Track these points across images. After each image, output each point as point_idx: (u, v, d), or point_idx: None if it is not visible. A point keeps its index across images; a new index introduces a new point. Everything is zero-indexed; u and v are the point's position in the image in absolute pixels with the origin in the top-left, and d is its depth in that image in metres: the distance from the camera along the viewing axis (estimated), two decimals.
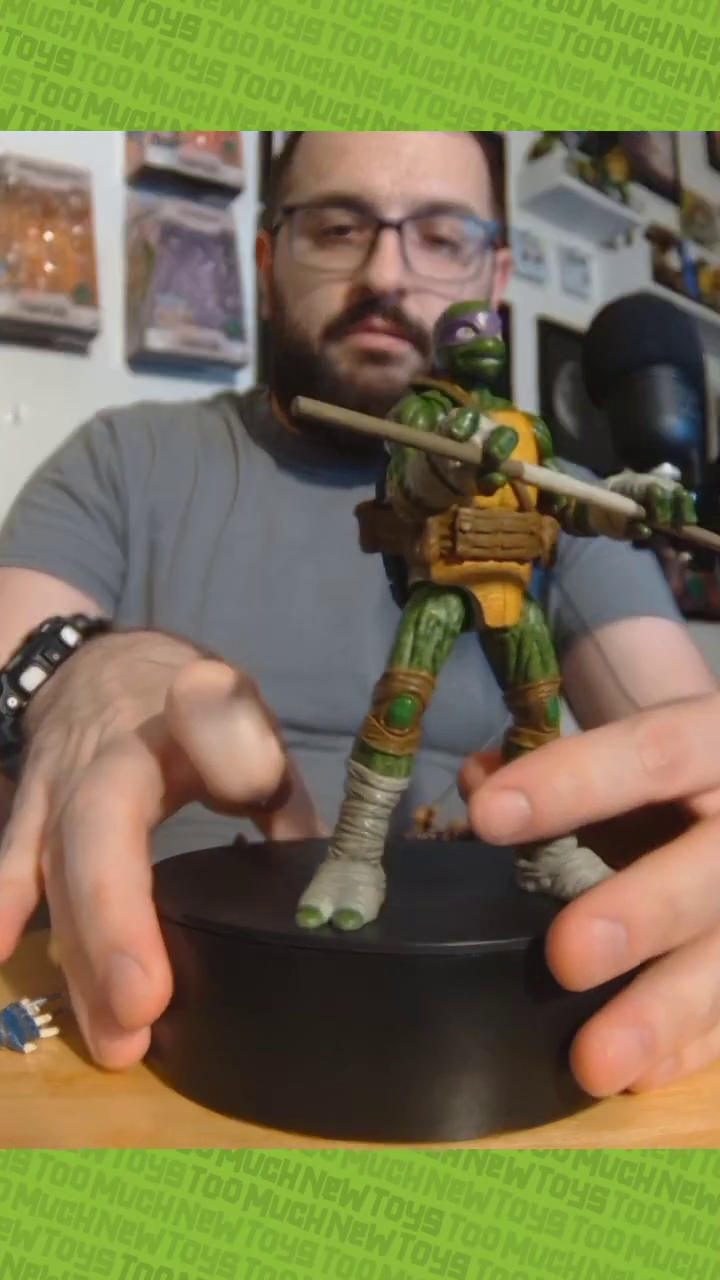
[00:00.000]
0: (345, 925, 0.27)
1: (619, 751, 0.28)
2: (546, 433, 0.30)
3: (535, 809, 0.27)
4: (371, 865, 0.29)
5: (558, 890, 0.30)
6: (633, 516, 0.28)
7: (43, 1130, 0.26)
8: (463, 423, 0.24)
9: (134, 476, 0.82)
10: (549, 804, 0.27)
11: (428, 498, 0.28)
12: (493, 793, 0.27)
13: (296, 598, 0.78)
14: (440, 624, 0.29)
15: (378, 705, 0.29)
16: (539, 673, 0.30)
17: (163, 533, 0.80)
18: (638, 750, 0.28)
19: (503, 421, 0.29)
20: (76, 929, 0.30)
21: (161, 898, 0.30)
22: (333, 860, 0.29)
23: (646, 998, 0.26)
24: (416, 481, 0.28)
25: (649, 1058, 0.26)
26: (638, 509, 0.28)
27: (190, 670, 0.32)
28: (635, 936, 0.25)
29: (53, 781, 0.38)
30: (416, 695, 0.28)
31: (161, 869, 0.34)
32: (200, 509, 0.81)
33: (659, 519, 0.28)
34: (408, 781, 0.29)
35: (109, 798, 0.31)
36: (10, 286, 1.17)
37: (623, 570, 0.81)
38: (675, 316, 0.61)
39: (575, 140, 2.06)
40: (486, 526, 0.28)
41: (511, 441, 0.24)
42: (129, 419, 0.87)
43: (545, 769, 0.27)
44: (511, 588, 0.30)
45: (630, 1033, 0.25)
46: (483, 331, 0.29)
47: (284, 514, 0.81)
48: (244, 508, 0.81)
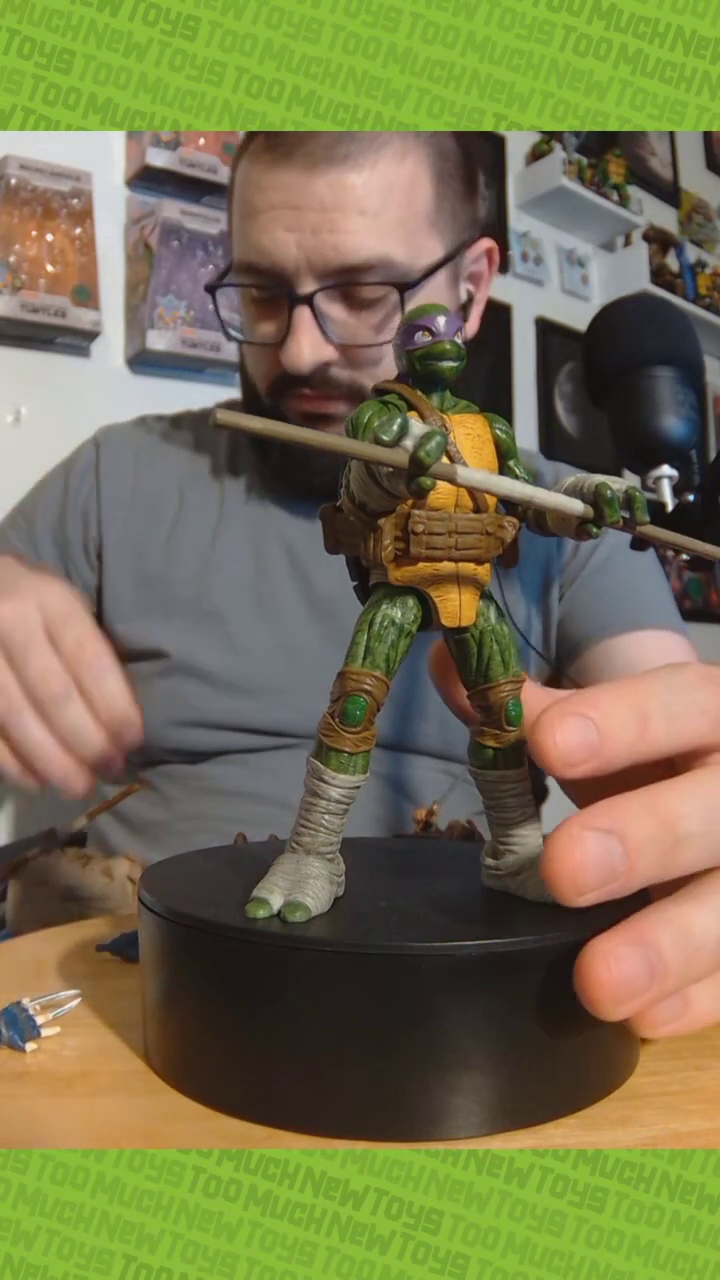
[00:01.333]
0: (292, 917, 0.27)
1: (674, 690, 0.28)
2: (509, 433, 0.30)
3: (602, 736, 0.26)
4: (326, 859, 0.29)
5: (518, 888, 0.30)
6: (581, 517, 0.28)
7: (43, 1130, 0.26)
8: (390, 428, 0.25)
9: (112, 504, 0.84)
10: (616, 732, 0.26)
11: (369, 502, 0.28)
12: (561, 716, 0.25)
13: (286, 615, 0.79)
14: (394, 624, 0.29)
15: (333, 704, 0.29)
16: (499, 672, 0.31)
17: (147, 561, 0.82)
18: (690, 690, 0.28)
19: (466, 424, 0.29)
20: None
21: (161, 897, 0.30)
22: (288, 854, 0.30)
23: (653, 920, 0.26)
24: (357, 486, 0.29)
25: (654, 984, 0.25)
26: (585, 509, 0.28)
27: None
28: (631, 851, 0.24)
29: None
30: (370, 694, 0.29)
31: (162, 868, 0.34)
32: (186, 531, 0.82)
33: (608, 518, 0.28)
34: (364, 779, 0.29)
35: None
36: (10, 287, 1.17)
37: (628, 584, 0.80)
38: (675, 317, 0.61)
39: (574, 142, 2.06)
40: (440, 528, 0.29)
41: (440, 446, 0.24)
42: (119, 441, 0.88)
43: (609, 698, 0.26)
44: (468, 588, 0.30)
45: (635, 951, 0.25)
46: (440, 334, 0.29)
47: (273, 530, 0.81)
48: (231, 526, 0.82)
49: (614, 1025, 0.28)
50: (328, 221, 0.66)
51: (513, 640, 0.31)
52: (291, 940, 0.26)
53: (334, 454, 0.25)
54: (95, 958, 0.40)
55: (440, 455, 0.24)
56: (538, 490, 0.27)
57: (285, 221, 0.67)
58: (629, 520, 0.28)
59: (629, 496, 0.28)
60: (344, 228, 0.66)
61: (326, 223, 0.66)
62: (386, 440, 0.25)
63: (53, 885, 0.60)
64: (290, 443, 0.24)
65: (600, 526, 0.28)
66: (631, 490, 0.28)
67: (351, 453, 0.25)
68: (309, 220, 0.67)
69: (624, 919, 0.27)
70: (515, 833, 0.31)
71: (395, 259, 0.68)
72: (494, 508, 0.30)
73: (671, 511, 0.57)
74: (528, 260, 2.04)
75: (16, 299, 1.18)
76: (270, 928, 0.27)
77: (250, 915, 0.27)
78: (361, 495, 0.29)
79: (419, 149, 0.70)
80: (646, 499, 0.29)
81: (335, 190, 0.66)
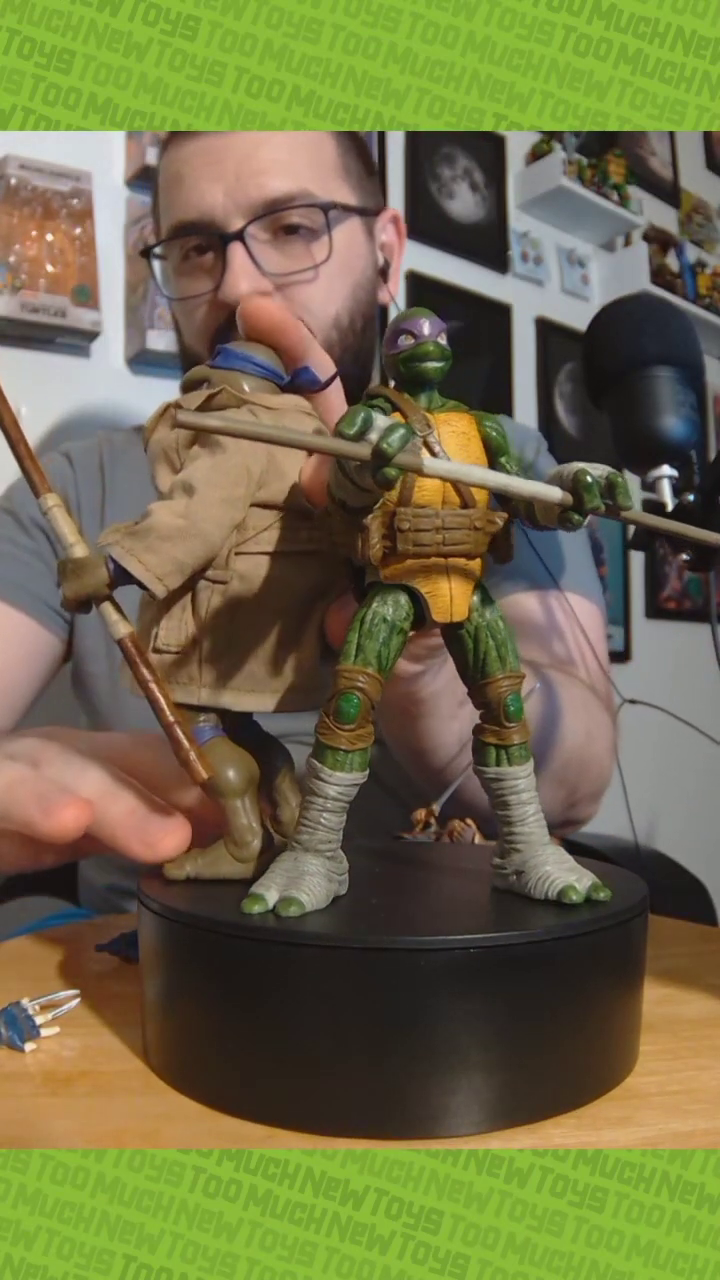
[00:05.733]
0: (286, 912, 0.27)
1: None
2: (501, 431, 0.30)
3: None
4: (325, 857, 0.29)
5: (522, 886, 0.30)
6: (560, 504, 0.28)
7: (43, 1130, 0.26)
8: (353, 421, 0.25)
9: (88, 506, 0.84)
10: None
11: (346, 499, 0.28)
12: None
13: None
14: (386, 621, 0.29)
15: (327, 702, 0.29)
16: (496, 668, 0.31)
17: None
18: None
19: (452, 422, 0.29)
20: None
21: (161, 896, 0.30)
22: (288, 852, 0.30)
23: None
24: (334, 483, 0.29)
25: None
26: (565, 496, 0.28)
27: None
28: None
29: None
30: (363, 691, 0.29)
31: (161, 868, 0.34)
32: None
33: (587, 504, 0.27)
34: (363, 776, 0.29)
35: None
36: (10, 287, 1.17)
37: (524, 551, 0.81)
38: (675, 317, 0.61)
39: (574, 142, 2.06)
40: (426, 525, 0.29)
41: (402, 438, 0.25)
42: (85, 449, 0.88)
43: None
44: (460, 583, 0.30)
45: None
46: (424, 337, 0.29)
47: None
48: None
49: (613, 1024, 0.28)
50: (248, 164, 0.73)
51: (510, 635, 0.31)
52: (287, 936, 0.26)
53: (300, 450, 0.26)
54: (95, 958, 0.40)
55: (402, 446, 0.25)
56: (512, 479, 0.27)
57: (208, 175, 0.73)
58: (611, 506, 0.28)
59: (610, 482, 0.27)
60: (263, 168, 0.73)
61: (246, 166, 0.73)
62: (350, 434, 0.25)
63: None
64: (251, 440, 0.25)
65: (580, 514, 0.28)
66: (613, 476, 0.27)
67: (315, 448, 0.26)
68: (229, 169, 0.73)
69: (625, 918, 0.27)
70: (518, 831, 0.31)
71: (313, 192, 0.75)
72: (484, 503, 0.30)
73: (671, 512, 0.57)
74: (528, 260, 2.04)
75: (16, 299, 1.17)
76: (266, 923, 0.27)
77: (245, 910, 0.27)
78: (339, 492, 0.29)
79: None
80: (646, 498, 0.29)
81: (250, 142, 0.73)
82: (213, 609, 0.33)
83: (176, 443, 0.34)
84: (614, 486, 0.28)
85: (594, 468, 0.28)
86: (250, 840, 0.32)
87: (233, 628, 0.33)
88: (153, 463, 0.35)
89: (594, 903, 0.29)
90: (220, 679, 0.33)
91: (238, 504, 0.32)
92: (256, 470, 0.32)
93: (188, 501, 0.31)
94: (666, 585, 2.25)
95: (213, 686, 0.33)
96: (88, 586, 0.31)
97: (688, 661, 1.87)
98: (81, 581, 0.31)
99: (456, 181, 1.89)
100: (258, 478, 0.32)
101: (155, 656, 0.33)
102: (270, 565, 0.33)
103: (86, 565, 0.31)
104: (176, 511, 0.31)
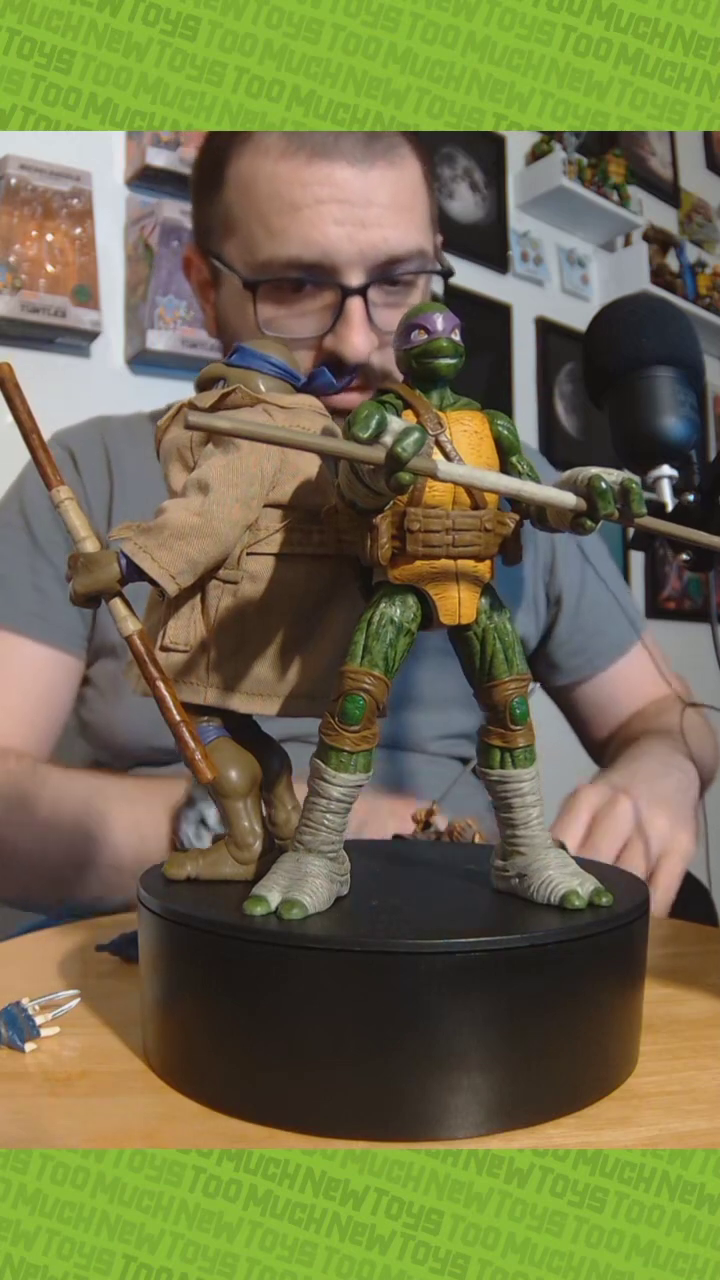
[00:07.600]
0: (288, 915, 0.27)
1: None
2: (512, 430, 0.30)
3: None
4: (328, 858, 0.29)
5: (524, 890, 0.30)
6: (573, 510, 0.28)
7: (43, 1130, 0.26)
8: (367, 424, 0.25)
9: (96, 506, 0.82)
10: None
11: (357, 500, 0.28)
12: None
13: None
14: (393, 622, 0.29)
15: (332, 704, 0.29)
16: (503, 671, 0.30)
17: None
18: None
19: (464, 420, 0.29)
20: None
21: (160, 896, 0.30)
22: (291, 853, 0.30)
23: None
24: (344, 485, 0.29)
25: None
26: (579, 502, 0.28)
27: None
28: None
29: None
30: (368, 693, 0.29)
31: (160, 868, 0.34)
32: None
33: (601, 510, 0.27)
34: (366, 777, 0.29)
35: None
36: (10, 287, 1.17)
37: (604, 612, 0.89)
38: (675, 317, 0.61)
39: (574, 142, 2.06)
40: (436, 526, 0.29)
41: (417, 442, 0.24)
42: (86, 442, 0.85)
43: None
44: (468, 585, 0.30)
45: None
46: (437, 333, 0.29)
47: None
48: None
49: (613, 1026, 0.28)
50: (375, 215, 0.70)
51: (517, 638, 0.31)
52: (288, 938, 0.26)
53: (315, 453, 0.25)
54: (95, 958, 0.40)
55: (417, 450, 0.24)
56: (526, 484, 0.27)
57: (335, 215, 0.69)
58: (624, 512, 0.28)
59: (624, 489, 0.27)
60: (391, 221, 0.70)
61: (374, 216, 0.70)
62: (364, 437, 0.25)
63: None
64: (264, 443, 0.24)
65: (594, 520, 0.28)
66: (628, 482, 0.27)
67: (330, 451, 0.25)
68: (358, 214, 0.69)
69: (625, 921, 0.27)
70: (521, 834, 0.31)
71: (426, 250, 0.73)
72: (494, 504, 0.29)
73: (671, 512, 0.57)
74: (528, 260, 2.04)
75: (16, 299, 1.17)
76: (268, 925, 0.27)
77: (247, 912, 0.27)
78: (350, 494, 0.29)
79: (418, 149, 0.75)
80: (646, 499, 0.29)
81: (382, 186, 0.70)
82: (223, 609, 0.32)
83: (191, 441, 0.33)
84: (628, 493, 0.27)
85: (608, 473, 0.28)
86: (251, 842, 0.32)
87: (242, 629, 0.33)
88: (165, 461, 0.34)
89: (596, 907, 0.29)
90: (228, 681, 0.33)
91: (252, 504, 0.32)
92: (270, 470, 0.32)
93: (203, 499, 0.31)
94: (666, 585, 2.25)
95: (220, 688, 0.33)
96: (99, 582, 0.31)
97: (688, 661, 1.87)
98: (93, 577, 0.31)
99: (456, 181, 1.89)
100: (271, 478, 0.32)
101: (162, 655, 0.33)
102: (282, 567, 0.33)
103: (98, 561, 0.31)
104: (192, 509, 0.31)
